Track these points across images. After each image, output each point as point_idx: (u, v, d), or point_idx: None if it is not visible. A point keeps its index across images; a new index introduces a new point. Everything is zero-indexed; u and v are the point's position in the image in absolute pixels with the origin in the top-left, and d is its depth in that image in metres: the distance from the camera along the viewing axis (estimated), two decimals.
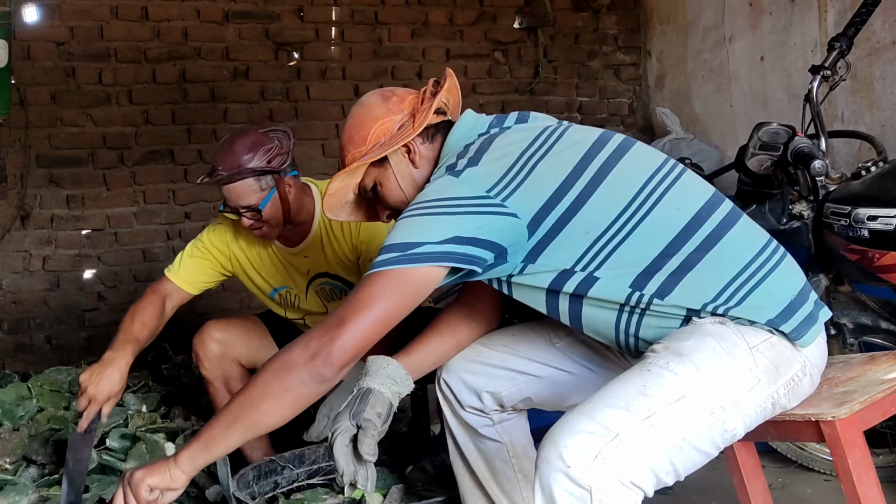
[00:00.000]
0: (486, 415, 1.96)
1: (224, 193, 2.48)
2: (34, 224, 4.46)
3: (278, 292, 2.69)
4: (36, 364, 4.27)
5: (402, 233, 1.61)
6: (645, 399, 1.46)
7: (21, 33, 4.33)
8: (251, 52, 4.80)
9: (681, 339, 1.57)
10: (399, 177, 1.82)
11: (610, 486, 1.38)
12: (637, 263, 1.62)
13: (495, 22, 5.23)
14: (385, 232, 2.55)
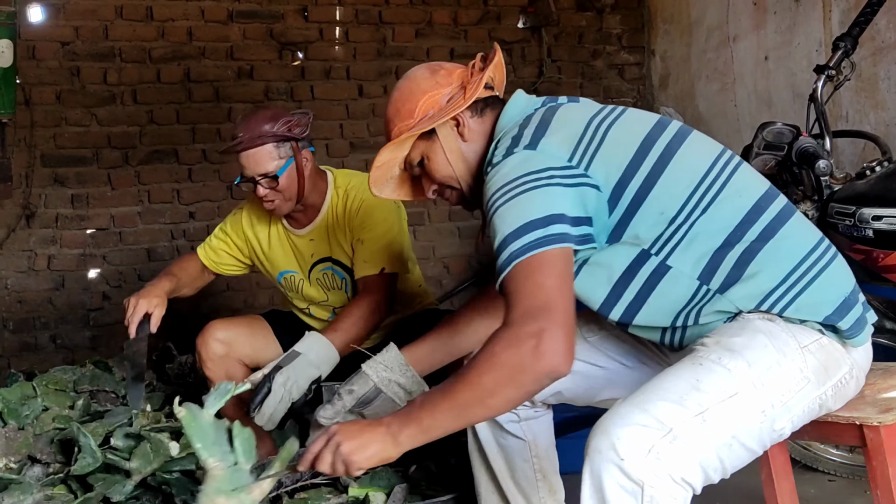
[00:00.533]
0: (513, 411, 1.95)
1: (242, 162, 2.53)
2: (39, 223, 4.47)
3: (284, 276, 2.73)
4: (41, 363, 4.28)
5: (509, 221, 1.56)
6: (698, 394, 1.44)
7: (26, 33, 4.34)
8: (255, 52, 4.80)
9: (731, 334, 1.55)
10: (447, 150, 1.78)
11: (662, 482, 1.37)
12: (704, 253, 1.60)
13: (499, 21, 5.23)
14: (379, 219, 2.62)
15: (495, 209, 1.59)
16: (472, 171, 1.79)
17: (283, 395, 2.20)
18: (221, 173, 4.76)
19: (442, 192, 1.85)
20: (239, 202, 4.46)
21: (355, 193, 2.67)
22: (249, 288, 4.76)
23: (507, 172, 1.61)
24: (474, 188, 1.80)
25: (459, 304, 4.99)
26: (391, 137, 1.81)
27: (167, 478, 2.67)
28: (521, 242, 1.52)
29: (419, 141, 1.78)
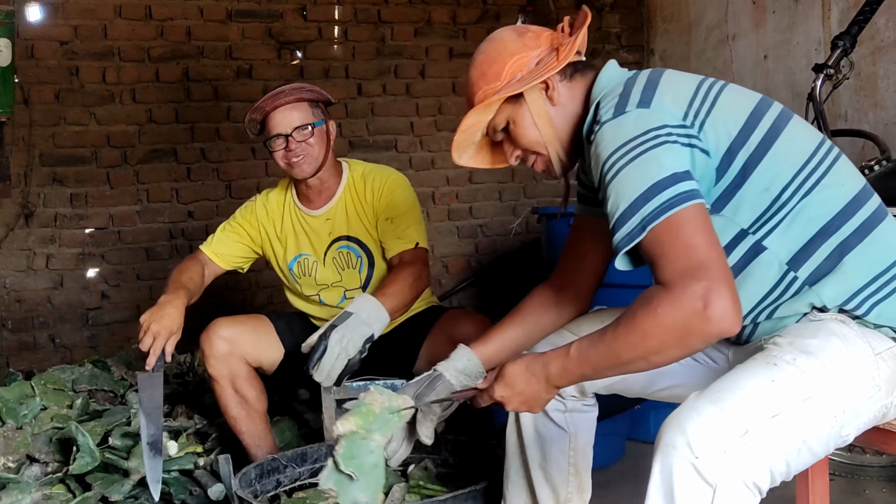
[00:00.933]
0: (561, 399, 1.93)
1: (276, 119, 2.63)
2: (38, 223, 4.47)
3: (297, 261, 2.75)
4: (39, 363, 4.29)
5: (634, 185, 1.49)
6: (773, 395, 1.42)
7: (25, 32, 4.34)
8: (254, 51, 4.80)
9: (805, 335, 1.52)
10: (535, 114, 1.72)
11: (734, 486, 1.36)
12: (801, 237, 1.57)
13: (498, 20, 5.22)
14: (403, 198, 2.69)
15: (615, 172, 1.52)
16: (560, 137, 1.74)
17: (339, 352, 2.27)
18: (220, 172, 4.76)
19: (526, 159, 1.78)
20: (239, 202, 4.48)
21: (377, 174, 2.76)
22: (248, 287, 4.76)
23: (624, 132, 1.54)
24: (562, 154, 1.75)
25: (458, 303, 5.00)
26: (474, 101, 1.75)
27: (165, 477, 2.67)
28: (653, 205, 1.46)
29: (505, 105, 1.72)
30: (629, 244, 1.49)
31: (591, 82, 1.75)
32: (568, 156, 1.75)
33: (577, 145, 1.77)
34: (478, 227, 5.22)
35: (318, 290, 2.75)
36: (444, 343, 2.50)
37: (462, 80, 5.14)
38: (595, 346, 1.52)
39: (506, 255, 5.22)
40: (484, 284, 5.19)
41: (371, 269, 2.72)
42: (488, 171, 5.23)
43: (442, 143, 5.16)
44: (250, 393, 2.64)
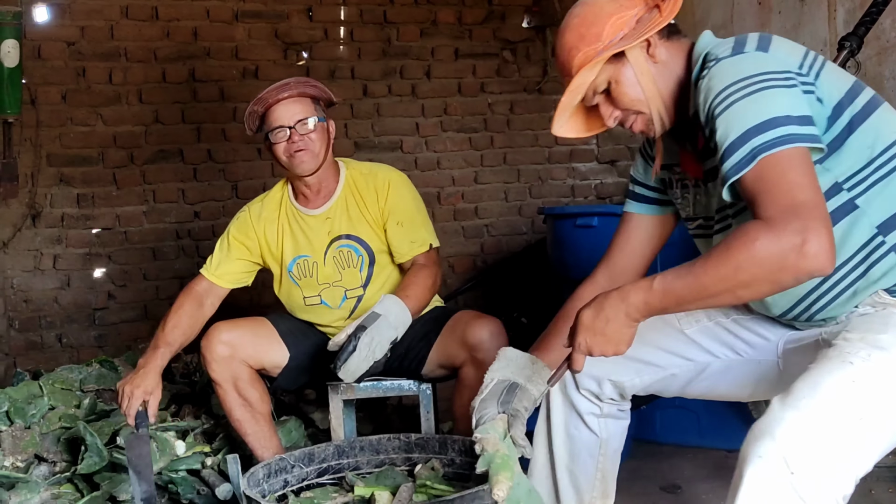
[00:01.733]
0: (598, 402, 1.94)
1: (279, 112, 2.64)
2: (45, 223, 4.48)
3: (296, 262, 2.74)
4: (47, 362, 4.30)
5: (750, 116, 1.49)
6: (856, 396, 1.42)
7: (32, 33, 4.36)
8: (260, 52, 4.81)
9: (875, 329, 1.52)
10: (639, 72, 1.70)
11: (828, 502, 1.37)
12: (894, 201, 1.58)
13: (504, 21, 5.24)
14: (409, 198, 2.71)
15: (729, 103, 1.52)
16: (662, 94, 1.72)
17: (367, 353, 2.36)
18: (227, 173, 4.77)
19: (625, 120, 1.76)
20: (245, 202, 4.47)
21: (377, 173, 2.76)
22: (254, 287, 4.74)
23: (743, 68, 1.55)
24: (663, 112, 1.74)
25: (464, 303, 5.01)
26: (573, 66, 1.72)
27: (173, 477, 2.68)
28: (767, 137, 1.46)
29: (606, 65, 1.70)
30: (736, 174, 1.47)
31: (689, 45, 1.75)
32: (668, 114, 1.74)
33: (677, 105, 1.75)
34: (483, 227, 5.23)
35: (320, 291, 2.74)
36: (457, 345, 2.50)
37: (468, 81, 5.16)
38: (682, 278, 1.49)
39: (512, 256, 5.23)
40: (490, 284, 5.19)
41: (371, 268, 2.71)
42: (494, 172, 5.24)
43: (447, 143, 5.17)
44: (253, 395, 2.64)
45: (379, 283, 2.72)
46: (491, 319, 2.54)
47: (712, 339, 1.89)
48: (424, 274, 2.62)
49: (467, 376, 2.51)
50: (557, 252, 3.76)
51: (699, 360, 1.90)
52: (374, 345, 2.36)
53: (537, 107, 5.33)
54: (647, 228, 1.95)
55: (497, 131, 5.27)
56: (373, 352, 2.36)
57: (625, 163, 5.51)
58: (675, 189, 1.89)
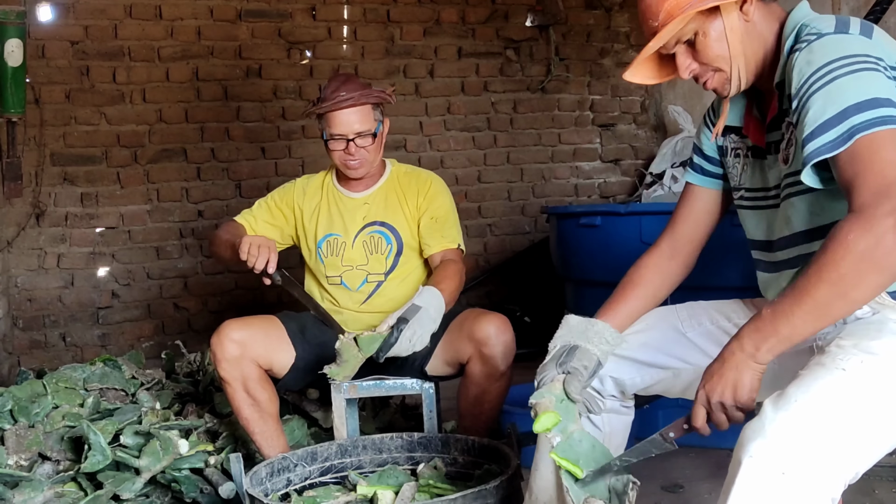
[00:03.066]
0: (601, 398, 1.92)
1: (339, 119, 2.64)
2: (48, 222, 4.49)
3: (326, 240, 2.78)
4: (50, 361, 4.31)
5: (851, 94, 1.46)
6: (848, 402, 1.41)
7: (36, 32, 4.37)
8: (264, 51, 4.82)
9: (869, 335, 1.51)
10: (729, 28, 1.65)
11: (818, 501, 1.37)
12: None
13: (507, 20, 5.24)
14: (447, 200, 2.78)
15: (831, 78, 1.49)
16: (746, 55, 1.69)
17: (407, 346, 2.38)
18: (230, 172, 4.78)
19: (700, 75, 1.72)
20: (248, 201, 4.48)
21: (421, 173, 2.86)
22: (258, 286, 4.76)
23: (847, 46, 1.52)
24: (743, 73, 1.70)
25: (467, 303, 5.01)
26: (661, 10, 1.66)
27: (176, 475, 2.68)
28: (866, 116, 1.43)
29: (697, 15, 1.64)
30: (831, 151, 1.45)
31: (782, 12, 1.72)
32: (747, 77, 1.71)
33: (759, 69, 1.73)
34: (487, 226, 5.23)
35: (342, 272, 2.76)
36: (464, 340, 2.51)
37: (471, 80, 5.16)
38: (789, 297, 1.45)
39: (515, 255, 5.23)
40: (493, 283, 5.19)
41: (398, 258, 2.75)
42: (497, 171, 5.24)
43: (451, 142, 5.17)
44: (262, 395, 2.64)
45: (402, 275, 2.75)
46: (497, 315, 2.55)
47: (713, 343, 1.89)
48: (454, 269, 2.65)
49: (473, 371, 2.52)
50: (561, 251, 3.76)
51: (700, 364, 1.90)
52: (415, 339, 2.38)
53: (541, 106, 5.33)
54: (707, 201, 1.95)
55: (500, 130, 5.27)
56: (413, 346, 2.38)
57: (628, 161, 5.51)
58: (729, 157, 1.88)
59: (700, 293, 2.09)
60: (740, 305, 1.96)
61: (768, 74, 1.70)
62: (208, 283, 4.75)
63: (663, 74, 1.82)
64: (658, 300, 1.96)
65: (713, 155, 1.92)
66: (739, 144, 1.84)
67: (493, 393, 2.50)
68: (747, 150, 1.82)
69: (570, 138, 5.42)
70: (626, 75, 1.81)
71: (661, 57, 1.78)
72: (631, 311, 1.92)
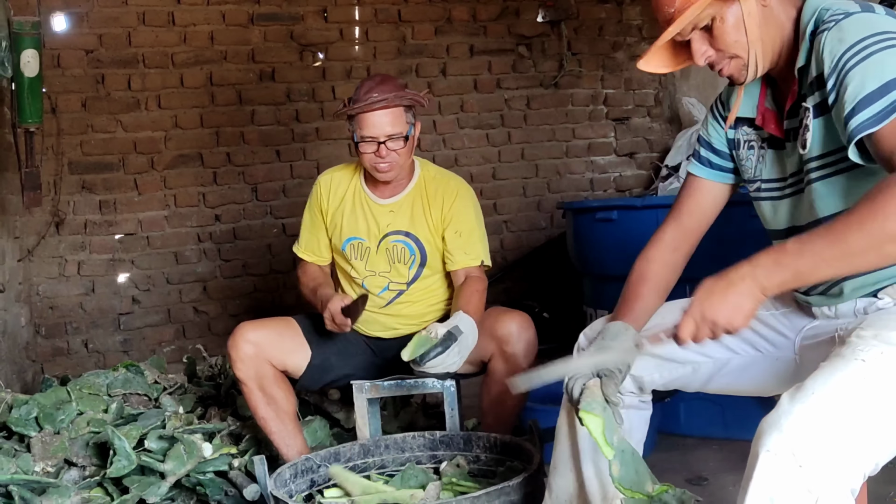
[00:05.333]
0: (620, 394, 1.94)
1: (372, 121, 2.60)
2: (68, 230, 4.53)
3: (351, 242, 2.77)
4: (73, 368, 4.35)
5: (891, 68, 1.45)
6: (867, 393, 1.40)
7: (51, 42, 4.40)
8: (276, 54, 4.84)
9: (890, 326, 1.50)
10: (747, 14, 1.63)
11: (836, 494, 1.35)
12: None
13: (518, 16, 5.23)
14: (472, 213, 2.74)
15: (866, 55, 1.48)
16: (763, 41, 1.67)
17: (450, 363, 2.36)
18: (246, 176, 4.80)
19: (716, 62, 1.71)
20: (264, 204, 4.50)
21: (449, 180, 2.79)
22: (276, 288, 4.80)
23: (878, 23, 1.51)
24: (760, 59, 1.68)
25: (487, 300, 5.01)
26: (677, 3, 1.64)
27: (201, 478, 2.70)
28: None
29: (714, 1, 1.62)
30: (874, 126, 1.44)
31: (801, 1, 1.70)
32: (763, 63, 1.69)
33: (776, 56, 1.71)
34: (503, 222, 5.23)
35: (365, 276, 2.77)
36: (486, 338, 2.51)
37: (483, 77, 5.16)
38: (820, 237, 1.43)
39: (532, 251, 5.22)
40: (511, 280, 5.19)
41: (421, 268, 2.74)
42: (512, 167, 5.24)
43: (465, 140, 5.17)
44: (278, 393, 2.66)
45: (424, 285, 2.74)
46: (519, 313, 2.56)
47: (730, 337, 1.89)
48: (479, 288, 2.64)
49: (496, 370, 2.52)
50: (578, 246, 3.76)
51: (719, 357, 1.90)
52: (458, 358, 2.37)
53: (554, 101, 5.32)
54: (714, 194, 1.93)
55: (514, 127, 5.26)
56: (454, 364, 2.37)
57: (643, 155, 5.49)
58: (742, 150, 1.86)
59: None
60: None
61: (785, 61, 1.69)
62: (227, 287, 4.77)
63: (677, 62, 1.80)
64: (667, 293, 1.95)
65: (723, 148, 1.90)
66: (753, 136, 1.83)
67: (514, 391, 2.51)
68: (762, 142, 1.81)
69: (585, 133, 5.40)
70: (640, 64, 1.79)
71: (675, 44, 1.75)
72: (647, 308, 1.90)
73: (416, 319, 2.75)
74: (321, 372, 2.75)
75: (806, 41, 1.63)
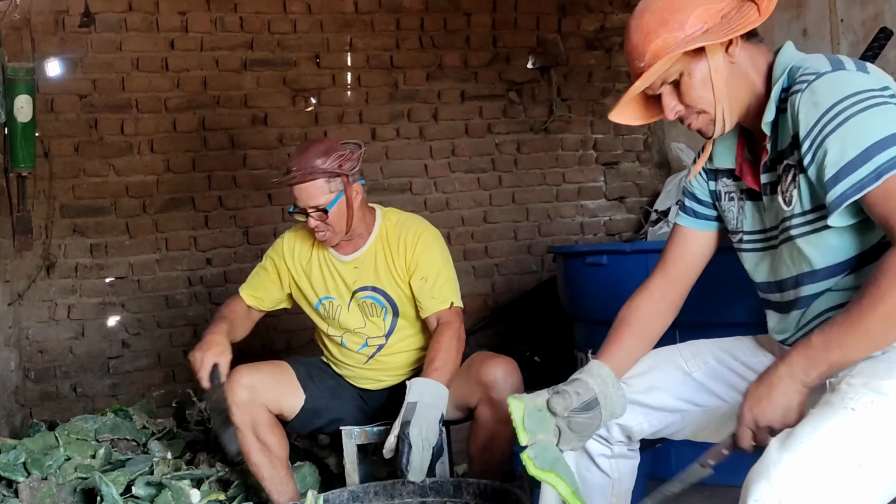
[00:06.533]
0: (608, 444, 1.93)
1: (296, 194, 2.63)
2: (59, 273, 4.53)
3: (322, 303, 2.77)
4: (62, 412, 4.31)
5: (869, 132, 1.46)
6: (856, 443, 1.41)
7: (45, 87, 4.43)
8: (269, 99, 4.88)
9: (879, 374, 1.50)
10: (714, 70, 1.63)
11: None
12: None
13: (509, 63, 5.29)
14: (437, 254, 2.71)
15: (845, 118, 1.49)
16: (731, 97, 1.67)
17: (423, 445, 2.31)
18: (238, 219, 4.81)
19: (685, 116, 1.72)
20: (256, 248, 4.51)
21: (410, 227, 2.76)
22: (266, 331, 4.78)
23: (852, 83, 1.52)
24: (727, 115, 1.69)
25: (476, 343, 5.00)
26: (648, 51, 1.64)
27: None
28: (891, 154, 1.43)
29: (683, 56, 1.62)
30: (858, 193, 1.45)
31: (768, 52, 1.72)
32: (731, 119, 1.70)
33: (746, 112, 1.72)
34: (494, 266, 5.24)
35: (342, 334, 2.77)
36: (472, 385, 2.51)
37: (475, 122, 5.21)
38: (840, 327, 1.46)
39: (523, 294, 5.23)
40: (502, 324, 5.19)
41: (395, 319, 2.73)
42: (503, 211, 5.26)
43: (456, 183, 5.20)
44: (272, 439, 2.64)
45: (403, 336, 2.74)
46: (504, 359, 2.55)
47: (720, 383, 1.89)
48: (449, 335, 2.61)
49: (482, 416, 2.51)
50: (568, 290, 3.77)
51: (708, 405, 1.90)
52: (425, 433, 2.32)
53: (544, 146, 5.37)
54: (700, 243, 1.94)
55: (505, 171, 5.30)
56: (427, 440, 2.32)
57: (633, 199, 5.53)
58: (723, 202, 1.87)
59: (707, 330, 2.09)
60: (744, 342, 1.95)
61: (756, 115, 1.70)
62: None
63: (649, 115, 1.80)
64: (654, 341, 1.96)
65: (706, 199, 1.92)
66: (733, 188, 1.84)
67: (502, 437, 2.49)
68: (741, 193, 1.82)
69: (575, 177, 5.44)
70: (611, 116, 1.80)
71: (647, 98, 1.76)
72: (629, 352, 1.91)
73: (403, 369, 2.75)
74: (313, 416, 2.74)
75: (775, 98, 1.64)
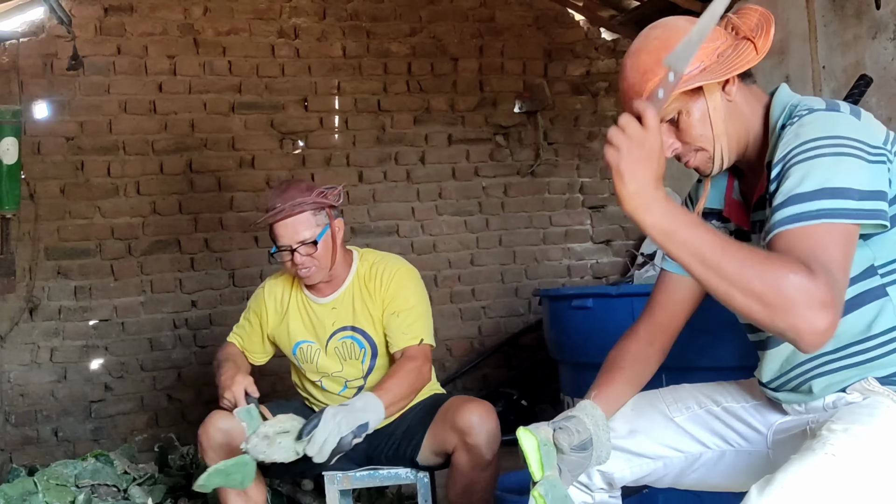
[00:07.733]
0: (590, 491, 1.90)
1: (279, 231, 2.60)
2: (42, 316, 4.49)
3: (300, 346, 2.75)
4: (42, 457, 4.25)
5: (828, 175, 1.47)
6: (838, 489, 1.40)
7: (31, 129, 4.44)
8: (256, 142, 4.89)
9: (860, 420, 1.50)
10: (712, 108, 1.65)
11: None
12: None
13: (496, 107, 5.33)
14: (411, 292, 2.69)
15: (815, 154, 1.50)
16: (729, 135, 1.68)
17: (332, 427, 2.26)
18: (223, 261, 4.80)
19: (682, 154, 1.72)
20: (241, 290, 4.49)
21: (386, 265, 2.75)
22: (251, 374, 4.73)
23: (837, 126, 1.53)
24: (725, 152, 1.70)
25: (463, 386, 4.98)
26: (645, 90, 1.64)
27: None
28: (836, 204, 1.45)
29: (681, 94, 1.63)
30: (792, 224, 1.45)
31: (766, 95, 1.73)
32: (728, 157, 1.71)
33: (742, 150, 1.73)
34: (481, 308, 5.23)
35: (321, 377, 2.75)
36: (448, 430, 2.48)
37: (462, 165, 5.23)
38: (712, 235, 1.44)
39: (510, 337, 5.22)
40: (488, 367, 5.17)
41: (374, 360, 2.71)
42: (490, 254, 5.27)
43: (443, 226, 5.21)
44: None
45: (381, 374, 2.72)
46: (480, 403, 2.52)
47: (703, 429, 1.88)
48: (407, 368, 2.58)
49: (459, 461, 2.48)
50: (554, 333, 3.76)
51: (691, 451, 1.88)
52: (338, 419, 2.28)
53: (531, 189, 5.39)
54: (686, 290, 1.92)
55: (492, 214, 5.32)
56: (338, 426, 2.28)
57: (619, 242, 5.55)
58: None
59: (694, 373, 2.08)
60: (726, 387, 1.95)
61: (753, 153, 1.71)
62: (202, 374, 4.71)
63: None
64: (640, 385, 1.94)
65: None
66: (720, 229, 1.84)
67: (481, 482, 2.46)
68: (730, 234, 1.82)
69: (561, 220, 5.46)
70: None
71: None
72: (619, 395, 1.89)
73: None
74: (294, 461, 2.70)
75: (775, 135, 1.65)
